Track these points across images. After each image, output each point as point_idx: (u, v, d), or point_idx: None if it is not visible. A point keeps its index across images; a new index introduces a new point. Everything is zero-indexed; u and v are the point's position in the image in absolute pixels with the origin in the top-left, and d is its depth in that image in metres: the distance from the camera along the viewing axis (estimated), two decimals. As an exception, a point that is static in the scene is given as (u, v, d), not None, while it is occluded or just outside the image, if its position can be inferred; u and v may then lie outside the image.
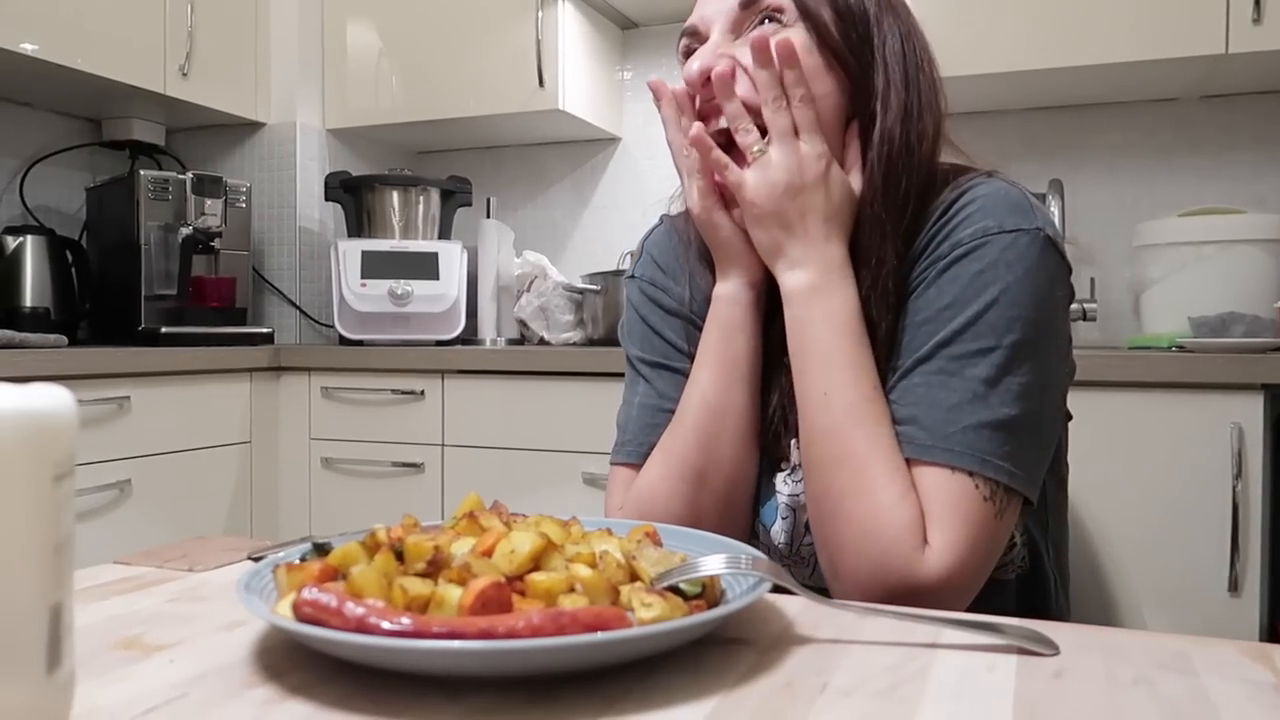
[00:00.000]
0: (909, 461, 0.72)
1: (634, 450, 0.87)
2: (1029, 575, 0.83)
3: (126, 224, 2.24)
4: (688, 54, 0.82)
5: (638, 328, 0.92)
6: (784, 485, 0.83)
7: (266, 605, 0.51)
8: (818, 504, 0.75)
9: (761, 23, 0.79)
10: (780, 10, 0.78)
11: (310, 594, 0.47)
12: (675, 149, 0.82)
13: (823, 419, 0.74)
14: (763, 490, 0.85)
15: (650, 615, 0.48)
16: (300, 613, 0.47)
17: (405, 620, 0.45)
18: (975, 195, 0.77)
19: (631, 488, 0.85)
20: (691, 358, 0.85)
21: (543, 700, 0.44)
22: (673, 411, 0.84)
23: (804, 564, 0.83)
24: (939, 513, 0.69)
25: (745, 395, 0.81)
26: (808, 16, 0.78)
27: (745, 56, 0.77)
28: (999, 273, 0.73)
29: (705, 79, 0.78)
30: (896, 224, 0.78)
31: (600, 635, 0.45)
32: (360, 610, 0.46)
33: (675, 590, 0.52)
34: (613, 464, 0.90)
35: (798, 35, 0.77)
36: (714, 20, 0.80)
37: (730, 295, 0.81)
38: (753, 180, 0.76)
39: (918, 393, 0.73)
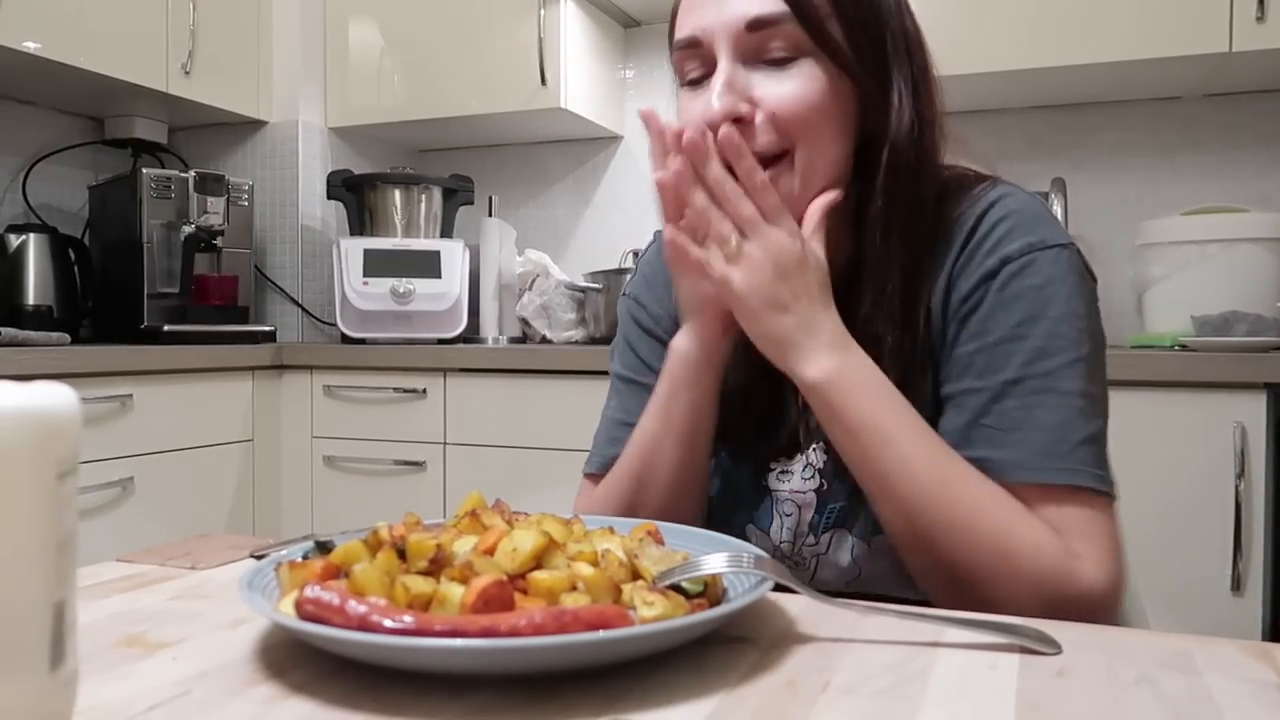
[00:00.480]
0: (1022, 486, 0.70)
1: (596, 462, 0.89)
2: None
3: (129, 222, 2.24)
4: (683, 67, 0.78)
5: (619, 342, 0.94)
6: (780, 483, 0.83)
7: (269, 603, 0.51)
8: (951, 572, 0.70)
9: (778, 62, 0.74)
10: (790, 39, 0.73)
11: (312, 592, 0.47)
12: (659, 188, 0.75)
13: (913, 491, 0.69)
14: (747, 497, 0.85)
15: (652, 614, 0.48)
16: (303, 611, 0.47)
17: (407, 618, 0.45)
18: (1005, 209, 0.76)
19: (582, 502, 0.88)
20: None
21: (545, 698, 0.44)
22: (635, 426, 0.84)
23: (804, 565, 0.83)
24: (1081, 532, 0.69)
25: (677, 451, 0.79)
26: (823, 43, 0.73)
27: (763, 92, 0.73)
28: (1058, 289, 0.73)
29: (727, 120, 0.72)
30: (905, 239, 0.76)
31: (602, 634, 0.45)
32: (362, 608, 0.46)
33: (677, 589, 0.52)
34: (582, 473, 0.92)
35: (810, 71, 0.73)
36: (717, 36, 0.74)
37: (682, 351, 0.78)
38: (739, 275, 0.71)
39: (1017, 415, 0.72)
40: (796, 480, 0.82)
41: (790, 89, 0.73)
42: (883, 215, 0.76)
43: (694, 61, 0.76)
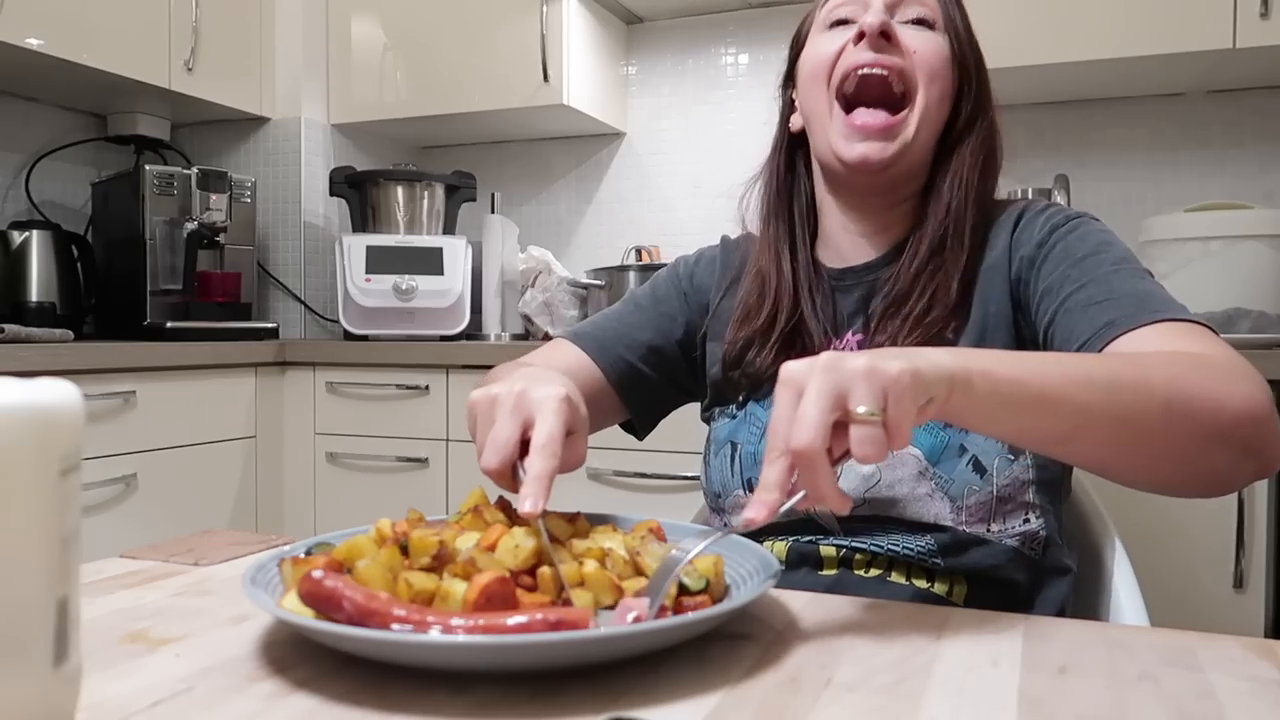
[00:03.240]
0: (1148, 327, 0.73)
1: (580, 334, 0.97)
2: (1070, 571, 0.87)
3: (132, 219, 2.24)
4: (835, 10, 0.89)
5: (651, 280, 1.04)
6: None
7: (272, 599, 0.51)
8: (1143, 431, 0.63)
9: (916, 23, 0.87)
10: (929, 7, 0.88)
11: (316, 573, 0.47)
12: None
13: (1099, 395, 0.62)
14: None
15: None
16: (301, 591, 0.47)
17: (404, 611, 0.45)
18: (1031, 205, 0.90)
19: (542, 358, 0.95)
20: (648, 337, 0.97)
21: (547, 695, 0.44)
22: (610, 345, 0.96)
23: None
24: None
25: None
26: (949, 23, 0.88)
27: (906, 37, 0.86)
28: (1103, 235, 0.84)
29: (879, 32, 0.85)
30: (965, 210, 0.88)
31: (604, 630, 0.45)
32: (359, 596, 0.46)
33: (680, 587, 0.52)
34: (561, 334, 1.00)
35: (941, 38, 0.87)
36: None
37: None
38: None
39: (1129, 284, 0.77)
40: None
41: (933, 44, 0.87)
42: (962, 178, 0.89)
43: (848, 7, 0.89)
